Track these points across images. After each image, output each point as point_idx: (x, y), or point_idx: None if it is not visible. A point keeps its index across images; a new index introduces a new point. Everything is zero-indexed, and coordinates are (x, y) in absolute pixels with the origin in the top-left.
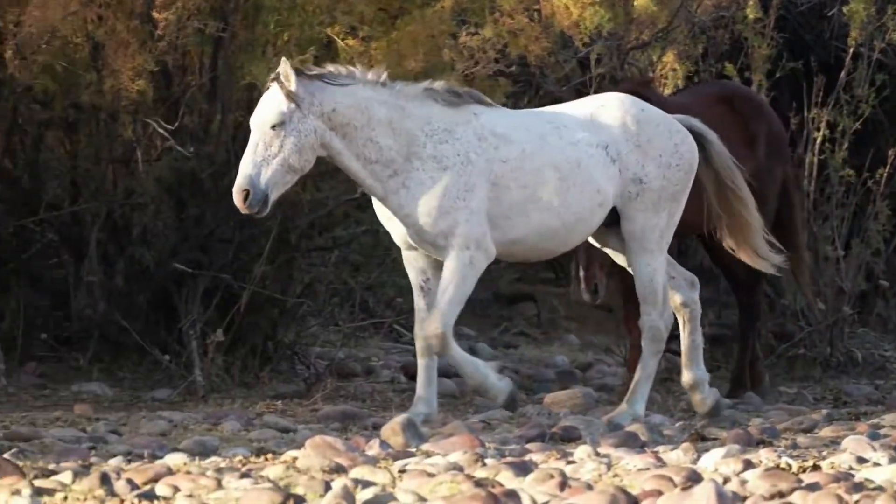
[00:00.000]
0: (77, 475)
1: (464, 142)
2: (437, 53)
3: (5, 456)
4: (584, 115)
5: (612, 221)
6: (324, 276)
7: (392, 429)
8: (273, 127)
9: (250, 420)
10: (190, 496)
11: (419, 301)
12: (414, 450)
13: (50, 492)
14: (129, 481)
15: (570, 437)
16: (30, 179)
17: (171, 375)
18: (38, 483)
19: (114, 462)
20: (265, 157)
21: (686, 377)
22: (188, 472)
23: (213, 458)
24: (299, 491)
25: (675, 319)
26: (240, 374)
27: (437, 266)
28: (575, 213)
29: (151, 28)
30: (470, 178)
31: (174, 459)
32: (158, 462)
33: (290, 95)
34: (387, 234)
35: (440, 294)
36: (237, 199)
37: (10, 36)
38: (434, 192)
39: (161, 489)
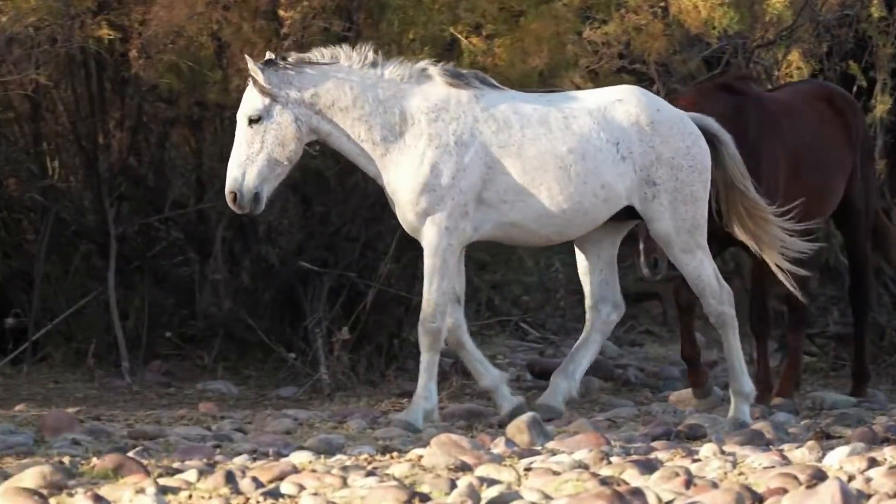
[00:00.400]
0: (202, 473)
1: (461, 122)
2: (560, 50)
3: (130, 454)
4: (598, 108)
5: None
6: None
7: (517, 427)
8: (251, 124)
9: (376, 418)
10: (315, 494)
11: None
12: (539, 448)
13: (174, 490)
14: (254, 479)
15: (695, 436)
16: (155, 178)
17: (297, 373)
18: (162, 481)
19: (239, 460)
20: (249, 156)
21: (572, 385)
22: (313, 471)
23: (339, 457)
24: (424, 489)
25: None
26: (365, 372)
27: None
28: (576, 204)
29: (277, 26)
30: (462, 159)
31: (299, 457)
32: (283, 460)
33: (264, 90)
34: None
35: (427, 286)
36: (228, 201)
37: (135, 35)
38: (422, 170)
39: (286, 487)
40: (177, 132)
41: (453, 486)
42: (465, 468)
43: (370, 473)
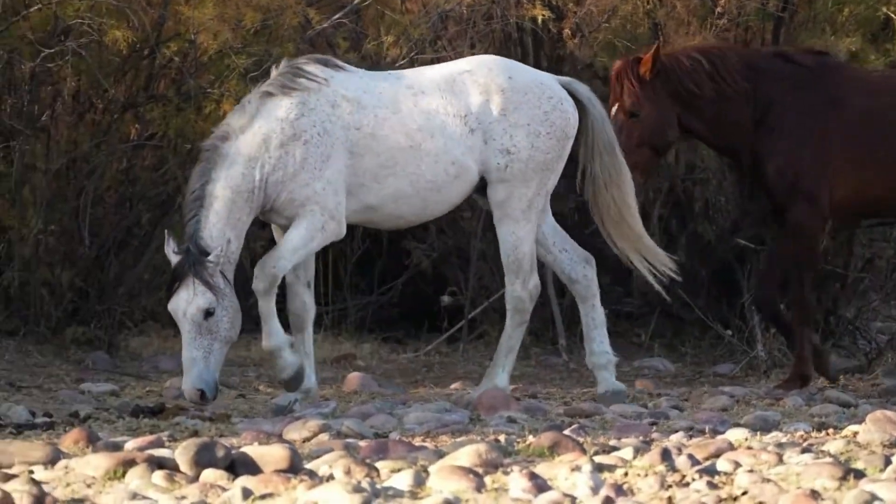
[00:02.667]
0: (638, 451)
1: (318, 111)
2: None
3: (566, 432)
4: (446, 81)
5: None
6: (884, 252)
7: None
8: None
9: (812, 395)
10: (750, 471)
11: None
12: None
13: (610, 467)
14: (690, 457)
15: None
16: None
17: (733, 350)
18: (598, 459)
19: (675, 438)
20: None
21: (590, 357)
22: (749, 448)
23: (774, 434)
24: (859, 465)
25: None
26: None
27: None
28: (429, 182)
29: (712, 5)
30: (327, 149)
31: (735, 434)
32: (719, 437)
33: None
34: None
35: (284, 240)
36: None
37: (570, 14)
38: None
39: (722, 464)
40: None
41: (888, 462)
42: None
43: (805, 450)
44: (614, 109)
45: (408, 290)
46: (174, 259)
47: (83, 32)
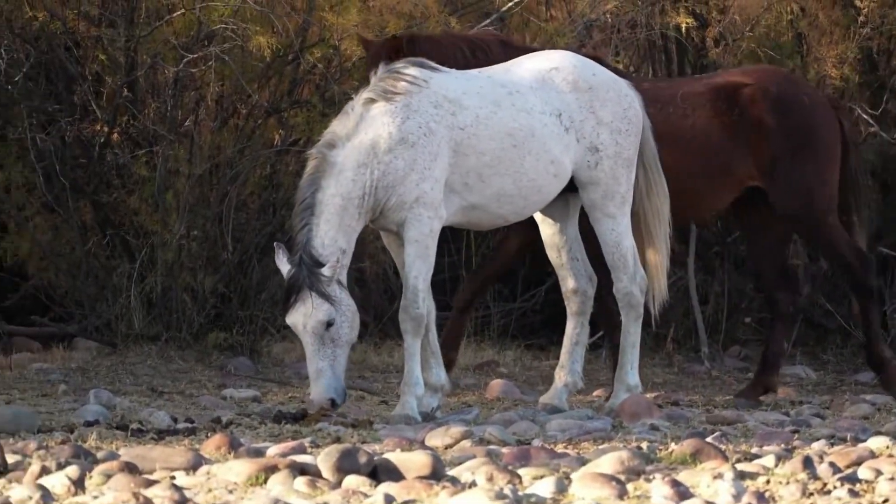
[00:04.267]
0: (780, 458)
1: (422, 113)
2: None
3: (708, 439)
4: (537, 79)
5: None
6: None
7: None
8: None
9: None
10: (892, 479)
11: None
12: None
13: (752, 475)
14: (832, 464)
15: None
16: None
17: None
18: (740, 466)
19: (816, 445)
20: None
21: (560, 370)
22: (890, 456)
23: None
24: None
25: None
26: None
27: None
28: (531, 181)
29: (854, 15)
30: (434, 148)
31: (876, 443)
32: (861, 445)
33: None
34: None
35: (407, 275)
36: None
37: (713, 22)
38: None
39: (863, 472)
40: None
41: None
42: None
43: None
44: None
45: (550, 297)
46: (286, 269)
47: (227, 38)
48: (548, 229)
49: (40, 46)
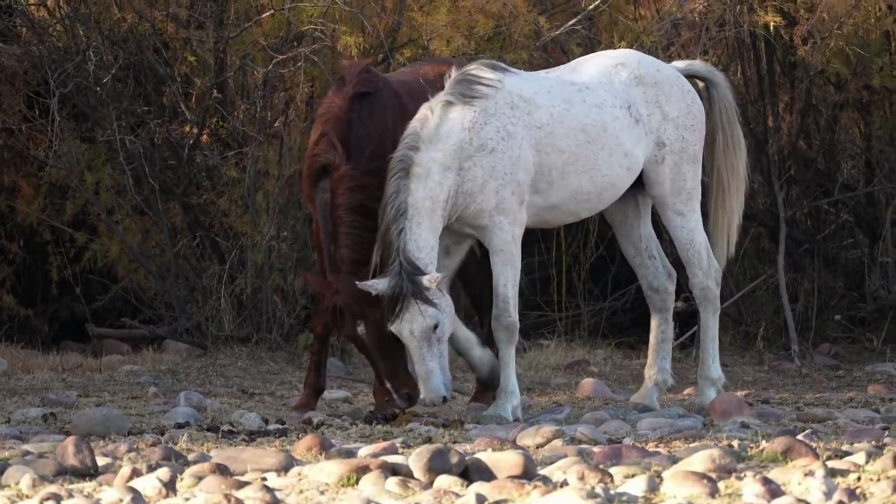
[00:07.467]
0: (870, 456)
1: (499, 116)
2: None
3: (799, 437)
4: (604, 74)
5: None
6: None
7: None
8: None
9: None
10: None
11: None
12: None
13: (843, 472)
14: None
15: None
16: (825, 160)
17: None
18: (831, 464)
19: None
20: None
21: (650, 368)
22: None
23: None
24: None
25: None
26: None
27: None
28: (605, 177)
29: None
30: (514, 151)
31: None
32: None
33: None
34: None
35: (496, 286)
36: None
37: (801, 21)
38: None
39: None
40: (846, 115)
41: None
42: None
43: None
44: None
45: (641, 296)
46: (382, 284)
47: (316, 38)
48: (622, 229)
49: (129, 48)
